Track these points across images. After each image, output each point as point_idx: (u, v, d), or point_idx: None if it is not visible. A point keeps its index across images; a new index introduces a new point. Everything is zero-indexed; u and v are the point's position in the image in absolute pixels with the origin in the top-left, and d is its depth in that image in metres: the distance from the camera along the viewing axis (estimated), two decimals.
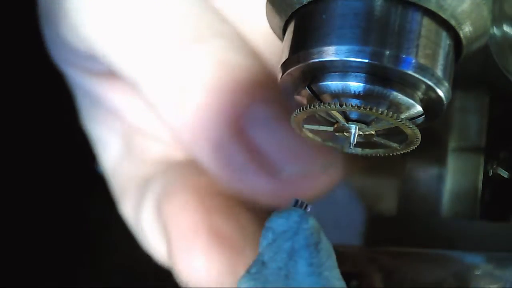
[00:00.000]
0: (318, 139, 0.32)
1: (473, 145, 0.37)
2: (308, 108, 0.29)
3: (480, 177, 0.37)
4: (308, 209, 0.30)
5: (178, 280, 0.38)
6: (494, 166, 0.37)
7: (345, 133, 0.30)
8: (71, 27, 0.39)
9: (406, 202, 0.38)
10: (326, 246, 0.29)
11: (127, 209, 0.43)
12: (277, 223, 0.29)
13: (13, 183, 0.59)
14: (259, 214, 0.38)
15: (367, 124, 0.30)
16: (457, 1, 0.28)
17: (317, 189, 0.36)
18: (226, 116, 0.36)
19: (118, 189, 0.44)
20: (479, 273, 0.33)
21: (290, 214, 0.29)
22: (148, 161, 0.42)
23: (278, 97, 0.36)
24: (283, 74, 0.30)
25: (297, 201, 0.30)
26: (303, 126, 0.31)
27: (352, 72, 0.28)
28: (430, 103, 0.29)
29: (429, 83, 0.28)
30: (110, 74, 0.40)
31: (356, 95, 0.29)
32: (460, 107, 0.36)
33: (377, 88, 0.28)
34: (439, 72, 0.28)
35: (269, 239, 0.29)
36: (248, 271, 0.30)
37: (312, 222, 0.29)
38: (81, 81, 0.43)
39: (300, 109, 0.29)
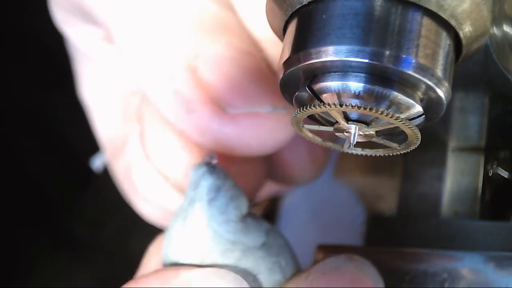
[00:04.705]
0: (318, 139, 0.32)
1: (473, 145, 0.37)
2: (308, 108, 0.29)
3: (480, 177, 0.37)
4: (214, 161, 0.35)
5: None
6: (494, 166, 0.37)
7: (345, 133, 0.30)
8: None
9: (406, 202, 0.39)
10: (221, 204, 0.34)
11: (119, 164, 0.44)
12: (192, 173, 0.35)
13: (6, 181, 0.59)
14: None
15: (367, 124, 0.30)
16: (457, 1, 0.28)
17: (263, 131, 0.36)
18: (182, 53, 0.36)
19: (112, 150, 0.45)
20: (478, 273, 0.33)
21: (198, 169, 0.35)
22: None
23: (240, 44, 0.37)
24: (283, 73, 0.30)
25: (210, 156, 0.35)
26: (303, 126, 0.31)
27: (352, 72, 0.28)
28: (430, 103, 0.29)
29: (429, 83, 0.28)
30: (105, 37, 0.41)
31: (356, 95, 0.29)
32: (460, 107, 0.36)
33: (377, 88, 0.28)
34: (439, 72, 0.28)
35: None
36: None
37: (210, 180, 0.34)
38: (79, 42, 0.44)
39: (300, 109, 0.29)
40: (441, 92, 0.29)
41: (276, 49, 0.37)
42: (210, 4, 0.37)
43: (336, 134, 0.31)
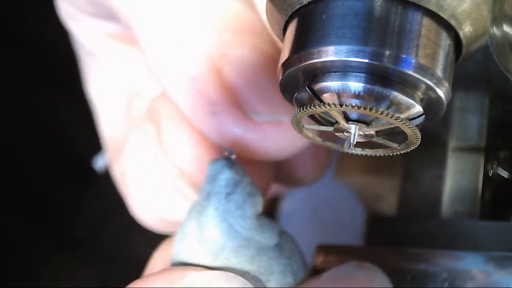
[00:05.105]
0: (318, 139, 0.32)
1: (473, 145, 0.37)
2: (308, 108, 0.29)
3: (480, 177, 0.37)
4: (233, 156, 0.34)
5: None
6: (494, 166, 0.37)
7: (345, 133, 0.30)
8: None
9: (406, 202, 0.39)
10: (239, 199, 0.34)
11: (117, 167, 0.44)
12: (208, 167, 0.34)
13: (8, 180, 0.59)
14: None
15: (367, 124, 0.30)
16: (457, 1, 0.28)
17: (284, 139, 0.37)
18: (207, 53, 0.36)
19: (114, 149, 0.45)
20: (479, 273, 0.33)
21: (216, 162, 0.34)
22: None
23: (264, 46, 0.36)
24: (283, 73, 0.30)
25: (229, 151, 0.35)
26: (303, 126, 0.31)
27: (352, 72, 0.28)
28: (430, 103, 0.29)
29: (429, 83, 0.28)
30: (113, 34, 0.41)
31: (356, 95, 0.29)
32: (460, 107, 0.36)
33: (377, 88, 0.28)
34: (439, 72, 0.28)
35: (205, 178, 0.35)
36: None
37: (229, 174, 0.34)
38: (84, 38, 0.44)
39: (300, 109, 0.29)
40: (441, 92, 0.29)
41: None
42: (234, 3, 0.37)
43: (336, 134, 0.31)
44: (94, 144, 0.50)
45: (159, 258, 0.40)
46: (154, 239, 0.41)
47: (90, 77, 0.46)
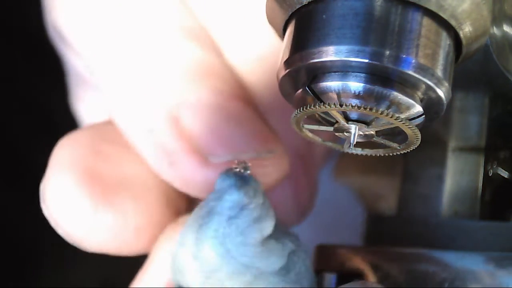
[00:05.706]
0: (318, 139, 0.33)
1: (473, 145, 0.37)
2: (308, 108, 0.29)
3: (480, 177, 0.37)
4: (247, 172, 0.32)
5: None
6: (494, 166, 0.37)
7: (345, 133, 0.30)
8: (54, 18, 0.40)
9: (406, 202, 0.39)
10: (242, 224, 0.31)
11: None
12: (218, 180, 0.32)
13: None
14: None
15: (367, 124, 0.30)
16: (457, 1, 0.28)
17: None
18: (162, 103, 0.36)
19: None
20: (478, 273, 0.33)
21: (225, 179, 0.31)
22: None
23: (223, 87, 0.36)
24: (283, 73, 0.30)
25: (243, 165, 0.32)
26: (303, 126, 0.31)
27: (352, 72, 0.28)
28: (430, 103, 0.29)
29: (429, 83, 0.28)
30: None
31: (356, 95, 0.29)
32: (460, 107, 0.36)
33: (377, 88, 0.28)
34: (439, 72, 0.28)
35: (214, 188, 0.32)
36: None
37: (236, 196, 0.31)
38: (69, 60, 0.44)
39: (300, 109, 0.29)
40: (441, 92, 0.29)
41: (265, 91, 0.37)
42: (196, 49, 0.36)
43: (336, 134, 0.31)
44: None
45: (164, 241, 0.39)
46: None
47: (76, 94, 0.46)
